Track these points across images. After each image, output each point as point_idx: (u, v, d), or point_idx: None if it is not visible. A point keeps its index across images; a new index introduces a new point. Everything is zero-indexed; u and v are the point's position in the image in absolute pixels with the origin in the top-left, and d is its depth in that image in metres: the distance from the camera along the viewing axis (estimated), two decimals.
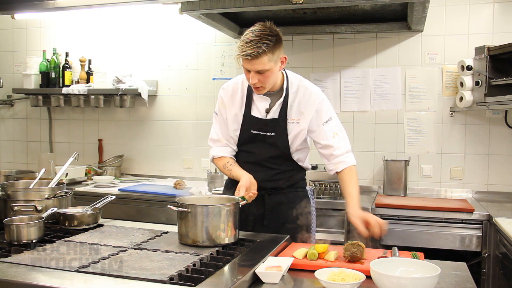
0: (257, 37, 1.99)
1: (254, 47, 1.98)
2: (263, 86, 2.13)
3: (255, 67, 2.04)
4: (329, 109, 2.31)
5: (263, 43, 1.99)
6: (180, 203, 1.92)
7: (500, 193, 3.51)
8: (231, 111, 2.30)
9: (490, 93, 3.13)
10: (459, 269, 1.78)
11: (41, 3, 2.70)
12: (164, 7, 3.83)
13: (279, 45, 2.06)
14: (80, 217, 2.16)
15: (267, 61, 2.02)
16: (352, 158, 2.31)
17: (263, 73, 2.06)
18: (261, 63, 2.02)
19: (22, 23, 4.65)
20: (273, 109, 2.24)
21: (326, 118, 2.27)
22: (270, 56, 2.02)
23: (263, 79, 2.08)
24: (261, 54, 1.99)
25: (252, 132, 2.26)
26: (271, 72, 2.08)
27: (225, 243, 1.88)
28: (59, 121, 4.67)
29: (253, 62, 2.02)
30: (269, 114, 2.24)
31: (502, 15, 3.49)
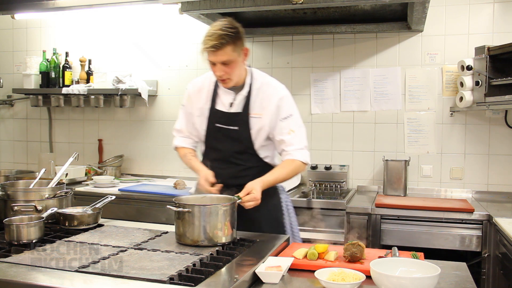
0: (219, 30, 2.10)
1: (217, 39, 2.08)
2: (230, 78, 2.21)
3: (219, 58, 2.13)
4: (290, 106, 2.35)
5: (225, 35, 2.09)
6: (179, 203, 1.93)
7: (500, 193, 3.51)
8: (197, 105, 2.38)
9: (490, 93, 3.13)
10: (459, 269, 1.78)
11: (41, 3, 2.71)
12: (164, 7, 3.83)
13: (240, 37, 2.17)
14: (80, 217, 2.16)
15: (231, 52, 2.12)
16: (302, 155, 2.32)
17: (228, 65, 2.15)
18: (225, 54, 2.11)
19: (22, 23, 4.65)
20: (236, 102, 2.31)
21: (286, 115, 2.31)
22: (233, 47, 2.12)
23: (229, 70, 2.17)
24: (224, 44, 2.09)
25: (216, 125, 2.33)
26: (235, 64, 2.18)
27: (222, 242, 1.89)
28: (59, 121, 4.67)
29: (217, 54, 2.12)
30: (232, 108, 2.31)
31: (502, 15, 3.49)
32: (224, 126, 2.31)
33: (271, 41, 4.00)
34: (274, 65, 4.00)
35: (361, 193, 3.66)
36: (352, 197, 3.44)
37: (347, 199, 3.27)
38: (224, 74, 2.18)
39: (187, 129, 2.46)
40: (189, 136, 2.47)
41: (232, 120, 2.31)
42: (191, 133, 2.45)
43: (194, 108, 2.40)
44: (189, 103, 2.43)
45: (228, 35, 2.10)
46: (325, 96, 3.87)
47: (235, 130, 2.30)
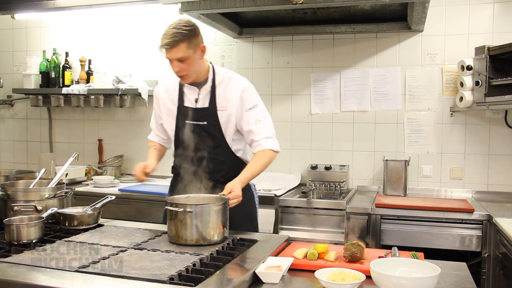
0: (173, 29, 2.20)
1: (171, 37, 2.18)
2: (187, 74, 2.28)
3: (174, 55, 2.21)
4: (254, 97, 2.43)
5: (178, 33, 2.18)
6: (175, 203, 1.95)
7: (500, 193, 3.51)
8: (164, 105, 2.47)
9: (490, 93, 3.13)
10: (459, 269, 1.78)
11: (41, 3, 2.71)
12: (164, 7, 3.83)
13: (195, 35, 2.24)
14: (80, 217, 2.16)
15: (185, 49, 2.20)
16: (271, 143, 2.38)
17: (184, 61, 2.23)
18: (179, 51, 2.19)
19: (22, 23, 4.65)
20: (201, 97, 2.38)
21: (250, 106, 2.38)
22: (187, 44, 2.20)
23: (185, 66, 2.24)
24: (178, 42, 2.18)
25: (187, 122, 2.39)
26: (191, 60, 2.24)
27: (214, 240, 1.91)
28: (59, 121, 4.67)
29: (172, 51, 2.20)
30: (198, 103, 2.38)
31: (502, 15, 3.49)
32: (194, 122, 2.38)
33: (271, 41, 4.00)
34: (274, 65, 4.00)
35: (361, 193, 3.66)
36: (352, 197, 3.44)
37: (347, 199, 3.27)
38: (180, 71, 2.26)
39: (157, 129, 2.57)
40: (159, 136, 2.58)
41: (200, 115, 2.37)
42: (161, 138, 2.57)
43: (162, 109, 2.49)
44: (157, 105, 2.52)
45: (181, 33, 2.18)
46: (325, 96, 3.87)
47: (205, 125, 2.36)
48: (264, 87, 4.03)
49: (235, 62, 4.09)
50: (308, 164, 3.87)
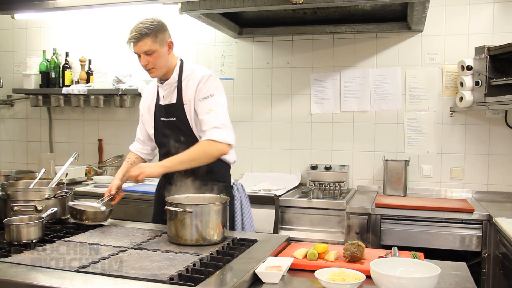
0: (139, 24, 2.29)
1: (137, 31, 2.27)
2: (155, 68, 2.34)
3: (141, 49, 2.29)
4: (211, 86, 2.37)
5: (144, 27, 2.27)
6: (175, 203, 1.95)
7: (500, 193, 3.51)
8: (145, 105, 2.54)
9: (490, 93, 3.13)
10: (459, 269, 1.78)
11: (41, 3, 2.71)
12: (164, 7, 3.83)
13: (162, 30, 2.32)
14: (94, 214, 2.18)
15: (151, 42, 2.28)
16: (217, 133, 2.28)
17: (151, 55, 2.30)
18: (145, 44, 2.27)
19: (22, 23, 4.65)
20: (168, 94, 2.43)
21: (205, 95, 2.35)
22: (153, 38, 2.28)
23: (152, 60, 2.31)
24: (143, 35, 2.26)
25: (161, 119, 2.45)
26: (158, 54, 2.31)
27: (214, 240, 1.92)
28: (59, 121, 4.67)
29: (138, 45, 2.29)
30: (166, 100, 2.44)
31: (502, 15, 3.49)
32: (166, 119, 2.43)
33: (271, 41, 4.00)
34: (274, 65, 4.00)
35: (361, 193, 3.66)
36: (352, 197, 3.44)
37: (347, 199, 3.27)
38: (148, 64, 2.32)
39: (142, 134, 2.62)
40: (144, 143, 2.62)
41: (169, 111, 2.42)
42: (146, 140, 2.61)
43: (145, 109, 2.55)
44: (142, 105, 2.58)
45: (147, 27, 2.27)
46: (325, 96, 3.87)
47: (174, 121, 2.39)
48: (264, 87, 4.03)
49: (235, 62, 4.09)
50: (308, 164, 3.87)
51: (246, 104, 4.07)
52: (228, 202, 2.04)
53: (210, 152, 2.28)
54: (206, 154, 2.27)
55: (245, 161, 4.08)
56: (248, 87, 4.08)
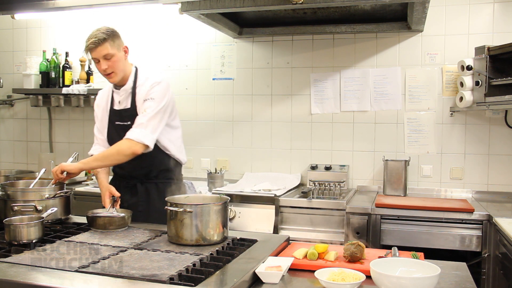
0: (96, 31, 2.42)
1: (95, 37, 2.39)
2: (114, 72, 2.45)
3: (101, 53, 2.40)
4: (157, 91, 2.46)
5: (101, 33, 2.40)
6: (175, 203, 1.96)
7: (500, 193, 3.51)
8: (101, 110, 2.63)
9: (490, 93, 3.13)
10: (459, 269, 1.78)
11: (41, 3, 2.71)
12: (164, 7, 3.82)
13: (117, 36, 2.46)
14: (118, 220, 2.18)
15: (110, 47, 2.40)
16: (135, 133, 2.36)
17: (110, 59, 2.41)
18: (104, 48, 2.39)
19: (22, 23, 4.65)
20: (123, 99, 2.54)
21: (147, 97, 2.46)
22: (111, 43, 2.41)
23: (111, 64, 2.42)
24: (102, 41, 2.38)
25: (116, 123, 2.55)
26: (117, 58, 2.43)
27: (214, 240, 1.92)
28: (59, 121, 4.67)
29: (98, 50, 2.39)
30: (121, 104, 2.55)
31: (502, 15, 3.49)
32: (120, 123, 2.52)
33: (271, 41, 4.00)
34: (274, 65, 4.00)
35: (361, 193, 3.66)
36: (352, 197, 3.44)
37: (347, 199, 3.27)
38: (107, 68, 2.42)
39: (102, 134, 2.65)
40: (103, 144, 2.66)
41: (124, 116, 2.52)
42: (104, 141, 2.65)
43: (99, 114, 2.64)
44: (98, 109, 2.66)
45: (104, 33, 2.40)
46: (325, 96, 3.87)
47: (128, 125, 2.45)
48: (264, 87, 4.03)
49: (235, 62, 4.09)
50: (308, 164, 3.87)
51: (246, 104, 4.07)
52: (228, 202, 2.04)
53: (122, 151, 2.35)
54: (118, 152, 2.36)
55: (245, 161, 4.08)
56: (248, 87, 4.08)
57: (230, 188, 3.56)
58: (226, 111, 4.13)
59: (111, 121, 2.58)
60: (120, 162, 2.39)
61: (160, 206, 2.23)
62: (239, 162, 4.10)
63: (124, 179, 2.59)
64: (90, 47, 2.39)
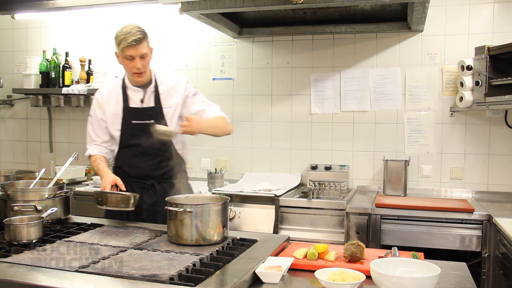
0: (132, 29, 2.37)
1: (135, 35, 2.35)
2: (145, 72, 2.47)
3: (140, 52, 2.38)
4: (194, 88, 2.65)
5: (141, 31, 2.39)
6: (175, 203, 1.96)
7: (500, 193, 3.51)
8: (109, 110, 2.56)
9: (490, 93, 3.13)
10: (459, 269, 1.78)
11: (41, 3, 2.71)
12: (164, 7, 3.83)
13: (148, 36, 2.45)
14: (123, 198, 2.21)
15: (146, 46, 2.42)
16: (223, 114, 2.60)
17: (145, 58, 2.42)
18: (143, 47, 2.39)
19: (22, 23, 4.65)
20: (147, 97, 2.52)
21: (194, 92, 2.60)
22: (147, 42, 2.43)
23: (145, 63, 2.43)
24: (142, 39, 2.37)
25: (133, 122, 2.51)
26: (149, 58, 2.46)
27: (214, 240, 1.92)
28: (59, 121, 4.67)
29: (137, 47, 2.36)
30: (144, 103, 2.52)
31: (502, 15, 3.49)
32: (140, 122, 2.49)
33: (271, 41, 4.00)
34: (274, 65, 4.00)
35: (361, 193, 3.66)
36: (352, 197, 3.44)
37: (347, 199, 3.27)
38: (142, 67, 2.42)
39: (99, 137, 2.62)
40: (101, 144, 2.62)
41: (147, 114, 2.49)
42: (104, 141, 2.61)
43: (106, 113, 2.57)
44: (99, 110, 2.60)
45: (143, 31, 2.40)
46: (325, 96, 3.87)
47: (150, 123, 2.42)
48: (264, 87, 4.03)
49: (235, 62, 4.09)
50: (308, 164, 3.87)
51: (246, 104, 4.07)
52: (228, 202, 2.04)
53: (226, 127, 2.57)
54: (224, 127, 2.55)
55: (245, 161, 4.08)
56: (248, 87, 4.08)
57: (230, 188, 3.56)
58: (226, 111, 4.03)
59: (126, 120, 2.52)
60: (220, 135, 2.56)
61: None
62: (239, 162, 4.10)
63: (139, 180, 2.53)
64: (132, 44, 2.35)
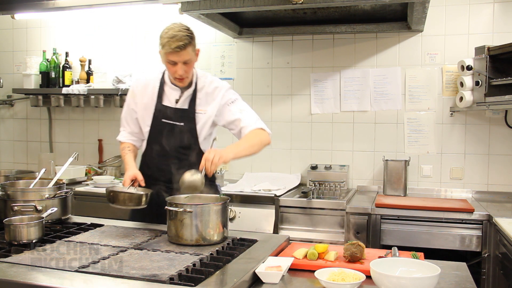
0: (179, 32, 2.20)
1: (180, 40, 2.19)
2: (187, 77, 2.34)
3: (183, 58, 2.23)
4: (234, 94, 2.50)
5: (185, 36, 2.21)
6: (175, 203, 1.95)
7: (500, 193, 3.51)
8: (142, 101, 2.45)
9: (490, 93, 3.13)
10: (459, 269, 1.78)
11: (41, 3, 2.71)
12: (164, 7, 3.82)
13: (195, 38, 2.29)
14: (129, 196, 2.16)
15: (191, 52, 2.26)
16: (260, 124, 2.42)
17: (188, 64, 2.28)
18: (187, 54, 2.23)
19: (22, 23, 4.65)
20: (182, 99, 2.40)
21: (232, 99, 2.45)
22: (192, 47, 2.26)
23: (188, 69, 2.30)
24: (187, 45, 2.21)
25: (163, 121, 2.40)
26: (193, 63, 2.32)
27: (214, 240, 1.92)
28: (59, 121, 4.67)
29: (181, 54, 2.21)
30: (178, 104, 2.40)
31: (502, 15, 3.49)
32: (170, 122, 2.39)
33: (271, 41, 4.00)
34: (274, 65, 4.00)
35: (361, 193, 3.66)
36: (352, 197, 3.44)
37: (347, 199, 3.27)
38: (184, 73, 2.29)
39: (129, 126, 2.54)
40: (131, 133, 2.54)
41: (179, 116, 2.39)
42: (133, 131, 2.53)
43: (138, 105, 2.46)
44: (132, 99, 2.49)
45: (188, 35, 2.22)
46: (325, 96, 3.87)
47: (181, 125, 2.37)
48: (264, 87, 4.03)
49: (235, 62, 4.09)
50: (308, 164, 3.87)
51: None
52: (228, 202, 2.03)
53: (264, 140, 2.38)
54: (261, 141, 2.36)
55: (245, 161, 4.07)
56: (248, 87, 4.08)
57: (230, 188, 3.56)
58: None
59: (156, 118, 2.41)
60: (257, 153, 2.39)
61: None
62: (239, 162, 4.08)
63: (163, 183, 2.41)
64: (175, 50, 2.19)
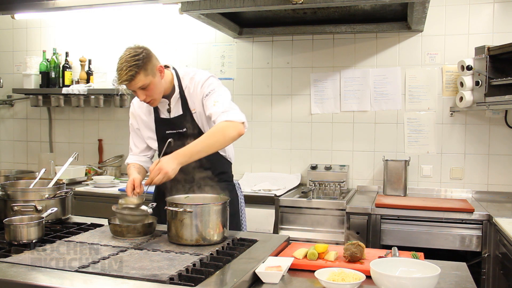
0: (124, 63, 2.14)
1: (126, 73, 2.13)
2: (153, 99, 2.27)
3: (134, 87, 2.19)
4: (212, 83, 2.34)
5: (131, 66, 2.12)
6: (175, 203, 1.95)
7: (500, 193, 3.51)
8: (141, 119, 2.47)
9: (490, 93, 3.13)
10: (459, 269, 1.77)
11: (41, 3, 2.70)
12: (164, 7, 3.83)
13: (149, 60, 2.19)
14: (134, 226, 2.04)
15: (144, 78, 2.16)
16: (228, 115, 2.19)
17: (146, 88, 2.20)
18: (139, 82, 2.16)
19: (22, 23, 4.65)
20: (172, 106, 2.38)
21: (207, 93, 2.31)
22: (144, 73, 2.16)
23: (149, 93, 2.23)
24: (134, 76, 2.14)
25: (167, 132, 2.38)
26: (153, 85, 2.22)
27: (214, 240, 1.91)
28: (59, 121, 4.67)
29: (131, 85, 2.18)
30: (172, 113, 2.38)
31: (502, 15, 3.49)
32: (174, 131, 2.38)
33: (271, 41, 4.00)
34: (274, 65, 4.00)
35: (361, 193, 3.66)
36: (352, 197, 3.44)
37: (347, 199, 3.27)
38: (146, 98, 2.24)
39: (137, 146, 2.53)
40: (139, 154, 2.53)
41: (178, 123, 2.37)
42: (142, 150, 2.53)
43: (140, 124, 2.49)
44: (134, 120, 2.52)
45: (134, 65, 2.13)
46: (325, 96, 3.87)
47: (184, 131, 2.36)
48: (264, 87, 4.03)
49: (235, 62, 4.09)
50: (308, 164, 3.87)
51: (246, 104, 4.06)
52: (228, 202, 2.03)
53: (229, 133, 2.15)
54: (224, 136, 2.14)
55: (245, 161, 4.08)
56: (248, 87, 4.08)
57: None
58: None
59: (160, 131, 2.40)
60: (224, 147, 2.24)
61: None
62: (239, 162, 4.08)
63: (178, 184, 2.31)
64: (124, 84, 2.17)
